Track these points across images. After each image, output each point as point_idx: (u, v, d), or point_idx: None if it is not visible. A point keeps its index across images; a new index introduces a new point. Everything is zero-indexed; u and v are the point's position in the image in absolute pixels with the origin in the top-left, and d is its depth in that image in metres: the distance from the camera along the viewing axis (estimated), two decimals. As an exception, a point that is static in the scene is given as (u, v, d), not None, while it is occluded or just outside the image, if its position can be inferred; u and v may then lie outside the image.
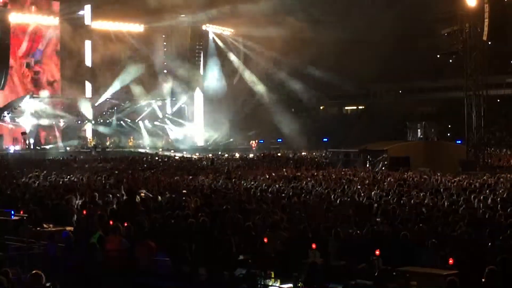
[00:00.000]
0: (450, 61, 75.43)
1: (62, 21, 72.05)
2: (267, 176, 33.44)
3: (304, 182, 29.26)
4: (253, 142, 76.94)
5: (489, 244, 13.31)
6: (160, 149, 69.78)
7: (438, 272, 11.05)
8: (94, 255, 13.93)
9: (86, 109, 72.66)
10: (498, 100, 76.12)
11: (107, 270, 13.62)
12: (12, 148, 62.42)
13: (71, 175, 32.56)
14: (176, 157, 57.73)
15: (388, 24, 70.82)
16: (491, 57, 62.59)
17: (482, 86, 43.68)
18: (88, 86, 74.98)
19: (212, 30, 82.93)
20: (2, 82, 65.33)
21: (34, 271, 8.05)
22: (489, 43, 46.27)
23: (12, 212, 14.36)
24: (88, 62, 74.86)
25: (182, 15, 76.81)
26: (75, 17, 73.24)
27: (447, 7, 45.82)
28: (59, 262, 13.64)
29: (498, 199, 20.26)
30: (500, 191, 23.04)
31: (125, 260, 13.84)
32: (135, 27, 78.17)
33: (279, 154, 62.97)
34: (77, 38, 72.38)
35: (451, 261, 11.51)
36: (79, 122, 72.80)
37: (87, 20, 74.92)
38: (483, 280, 10.62)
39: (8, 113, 65.92)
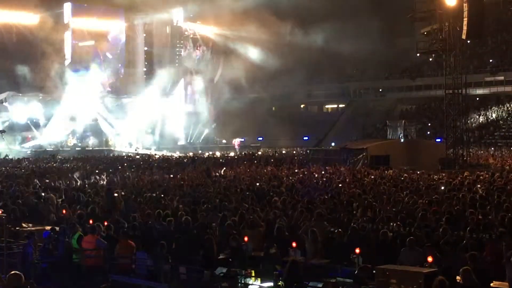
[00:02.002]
0: (430, 60, 76.03)
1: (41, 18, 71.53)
2: (248, 175, 33.42)
3: (285, 180, 29.29)
4: (236, 140, 76.70)
5: (467, 241, 13.41)
6: (141, 148, 69.52)
7: (417, 270, 11.10)
8: (72, 254, 13.87)
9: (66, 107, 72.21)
10: (477, 99, 76.75)
11: (84, 269, 13.57)
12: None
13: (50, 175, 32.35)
14: (157, 156, 57.50)
15: (368, 23, 71.11)
16: (470, 56, 63.14)
17: (461, 84, 43.96)
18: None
19: (193, 27, 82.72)
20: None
21: (13, 271, 7.96)
22: (468, 42, 46.57)
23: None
24: (67, 59, 74.37)
25: (162, 13, 76.62)
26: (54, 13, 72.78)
27: (426, 6, 46.00)
28: (37, 262, 13.56)
29: (477, 197, 20.40)
30: (479, 189, 23.20)
31: (101, 259, 13.78)
32: (115, 24, 77.84)
33: (259, 153, 62.95)
34: (57, 35, 71.90)
35: (430, 259, 11.58)
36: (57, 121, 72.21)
37: (67, 17, 74.50)
38: (459, 279, 10.72)
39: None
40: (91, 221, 15.96)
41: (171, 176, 33.02)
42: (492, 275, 11.41)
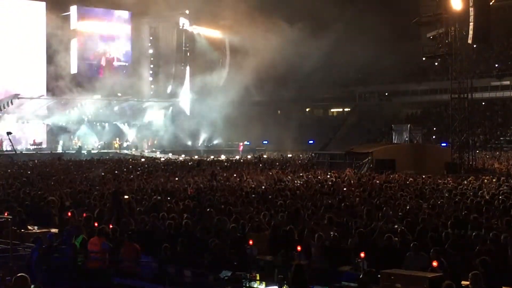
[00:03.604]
0: (436, 64, 75.95)
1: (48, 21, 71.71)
2: (253, 178, 33.44)
3: (290, 184, 29.31)
4: (240, 143, 76.68)
5: (474, 246, 13.39)
6: (146, 151, 69.61)
7: (422, 274, 11.08)
8: (76, 257, 13.87)
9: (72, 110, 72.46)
10: (483, 103, 76.64)
11: (89, 271, 13.56)
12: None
13: (55, 177, 32.40)
14: (162, 159, 57.57)
15: (374, 27, 71.11)
16: (476, 61, 63.07)
17: (467, 89, 43.92)
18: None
19: (199, 31, 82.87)
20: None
21: (19, 274, 7.95)
22: (474, 46, 46.53)
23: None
24: (74, 62, 74.59)
25: (169, 16, 76.81)
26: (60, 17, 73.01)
27: (432, 10, 45.97)
28: (42, 264, 13.56)
29: (482, 201, 20.37)
30: (484, 194, 23.17)
31: (106, 261, 13.78)
32: (121, 27, 78.05)
33: (265, 156, 62.96)
34: (63, 38, 72.14)
35: (435, 264, 11.55)
36: (63, 124, 72.41)
37: (73, 21, 74.73)
38: (467, 283, 10.68)
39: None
40: (96, 224, 15.97)
41: (176, 179, 33.03)
42: (498, 280, 11.37)
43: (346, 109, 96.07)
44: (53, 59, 71.03)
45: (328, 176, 34.85)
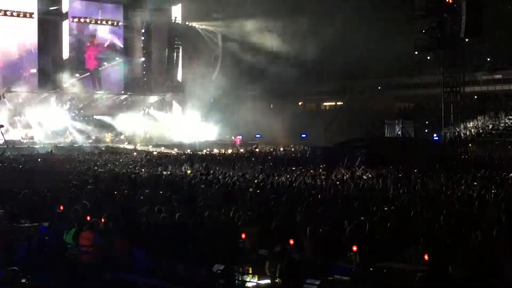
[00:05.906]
0: (428, 58, 76.06)
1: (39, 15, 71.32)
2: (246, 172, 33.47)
3: (283, 178, 29.35)
4: (237, 137, 76.48)
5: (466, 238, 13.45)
6: (138, 145, 69.44)
7: (414, 267, 11.12)
8: (68, 251, 13.85)
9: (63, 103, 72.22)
10: (475, 97, 76.79)
11: (81, 266, 13.55)
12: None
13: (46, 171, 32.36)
14: (154, 153, 57.50)
15: (366, 20, 71.08)
16: (468, 54, 63.19)
17: (459, 83, 44.04)
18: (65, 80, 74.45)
19: (192, 24, 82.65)
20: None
21: (10, 268, 7.94)
22: (466, 40, 46.63)
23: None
24: (65, 56, 74.32)
25: (161, 10, 76.62)
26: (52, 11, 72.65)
27: (425, 3, 45.99)
28: (34, 258, 13.54)
29: (474, 194, 20.45)
30: (477, 187, 23.25)
31: (98, 256, 13.76)
32: (114, 21, 77.82)
33: (257, 150, 62.92)
34: (55, 32, 71.85)
35: (427, 257, 11.60)
36: (56, 117, 72.04)
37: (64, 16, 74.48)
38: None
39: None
40: (88, 218, 15.93)
41: (169, 172, 33.03)
42: (484, 272, 11.42)
43: (338, 103, 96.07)
44: (45, 51, 70.59)
45: (321, 170, 34.89)
